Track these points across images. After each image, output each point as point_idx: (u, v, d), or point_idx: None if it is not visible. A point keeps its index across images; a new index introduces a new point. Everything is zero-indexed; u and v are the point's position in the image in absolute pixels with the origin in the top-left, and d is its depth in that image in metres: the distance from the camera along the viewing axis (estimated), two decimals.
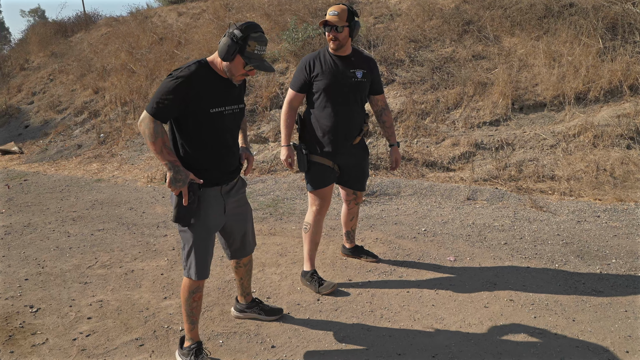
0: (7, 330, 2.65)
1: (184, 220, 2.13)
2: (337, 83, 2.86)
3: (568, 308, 2.72)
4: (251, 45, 2.05)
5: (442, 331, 2.53)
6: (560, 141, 5.72)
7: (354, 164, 3.08)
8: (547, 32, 7.05)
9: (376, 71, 3.03)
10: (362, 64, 2.94)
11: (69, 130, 8.69)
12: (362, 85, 2.93)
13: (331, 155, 2.96)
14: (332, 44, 2.84)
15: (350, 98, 2.91)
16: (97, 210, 4.97)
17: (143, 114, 2.05)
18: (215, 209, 2.25)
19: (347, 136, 2.96)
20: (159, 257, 3.65)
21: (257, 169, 6.24)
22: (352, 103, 2.93)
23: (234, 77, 2.14)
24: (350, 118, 2.94)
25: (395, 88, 7.12)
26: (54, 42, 12.42)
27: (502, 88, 6.40)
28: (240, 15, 9.63)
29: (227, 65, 2.11)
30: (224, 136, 2.22)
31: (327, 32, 2.81)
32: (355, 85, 2.90)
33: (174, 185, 2.06)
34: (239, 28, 2.04)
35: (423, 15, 8.11)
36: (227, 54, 2.05)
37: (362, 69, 2.91)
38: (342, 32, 2.80)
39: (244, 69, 2.10)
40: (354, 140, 3.00)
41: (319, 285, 2.99)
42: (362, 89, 2.96)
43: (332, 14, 2.79)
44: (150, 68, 8.91)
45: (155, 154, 2.07)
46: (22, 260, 3.65)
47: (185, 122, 2.12)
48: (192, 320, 2.30)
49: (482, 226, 4.10)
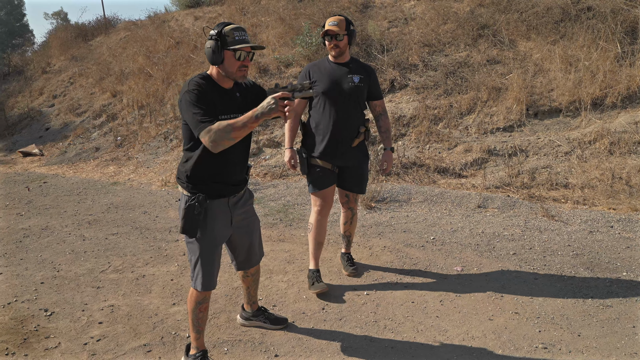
0: (22, 334, 2.74)
1: (190, 232, 2.18)
2: (335, 87, 3.01)
3: (574, 322, 2.70)
4: (229, 35, 2.12)
5: (445, 344, 2.53)
6: (575, 148, 5.64)
7: (352, 166, 3.17)
8: (563, 37, 6.95)
9: (374, 77, 3.16)
10: (359, 70, 3.09)
11: (88, 133, 8.90)
12: (359, 89, 3.06)
13: (330, 157, 3.08)
14: (334, 52, 3.02)
15: (348, 102, 3.04)
16: (112, 214, 5.09)
17: (204, 138, 2.03)
18: (221, 221, 2.29)
19: (345, 139, 3.07)
20: (169, 263, 3.73)
21: (269, 174, 6.30)
22: (349, 107, 3.06)
23: (234, 75, 2.16)
24: (348, 121, 3.06)
25: (408, 93, 7.10)
26: (74, 45, 12.71)
27: (517, 93, 6.33)
28: (255, 19, 9.72)
29: (222, 67, 2.15)
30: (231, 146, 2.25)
31: (328, 41, 2.99)
32: (353, 90, 3.03)
33: (269, 113, 1.97)
34: (212, 29, 2.15)
35: (438, 20, 8.07)
36: (215, 54, 2.11)
37: (359, 74, 3.06)
38: (342, 40, 2.98)
39: (237, 60, 2.14)
40: (353, 142, 3.10)
41: (311, 284, 3.12)
42: (360, 94, 3.08)
43: (332, 24, 2.95)
44: (166, 72, 9.06)
45: (246, 130, 2.02)
46: (39, 263, 3.77)
47: None
48: (198, 330, 2.36)
49: (491, 235, 4.07)
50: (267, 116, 1.98)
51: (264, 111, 1.96)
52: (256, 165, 6.62)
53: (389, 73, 7.35)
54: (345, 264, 3.48)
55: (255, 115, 1.98)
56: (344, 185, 3.23)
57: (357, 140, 3.11)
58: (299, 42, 7.93)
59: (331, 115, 3.03)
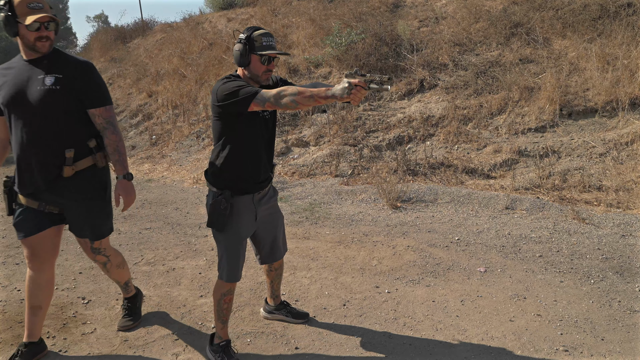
0: (62, 319, 2.93)
1: (217, 225, 2.29)
2: (18, 94, 2.21)
3: (598, 326, 2.65)
4: (258, 40, 2.21)
5: (464, 343, 2.55)
6: (611, 149, 5.47)
7: (72, 204, 2.37)
8: (601, 34, 6.73)
9: (89, 76, 2.30)
10: (59, 67, 2.25)
11: (125, 132, 9.26)
12: (53, 95, 2.21)
13: (30, 193, 2.32)
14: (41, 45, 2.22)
15: (37, 114, 2.21)
16: (146, 210, 5.31)
17: (260, 101, 2.03)
18: (246, 216, 2.39)
19: (43, 168, 2.26)
20: (198, 257, 3.87)
21: (297, 173, 6.40)
22: (40, 121, 2.23)
23: (259, 78, 2.27)
24: (40, 142, 2.24)
25: (438, 93, 7.05)
26: (113, 47, 13.23)
27: (550, 93, 6.19)
28: (286, 20, 9.86)
29: (247, 70, 2.25)
30: (257, 142, 2.35)
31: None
32: (43, 96, 2.20)
33: (342, 96, 1.92)
34: (242, 32, 2.24)
35: (469, 18, 7.97)
36: (242, 57, 2.21)
37: (56, 73, 2.23)
38: (50, 30, 2.24)
39: (263, 64, 2.23)
40: (62, 172, 2.28)
41: None
42: (55, 101, 2.22)
43: (34, 6, 2.18)
44: (199, 73, 9.32)
45: (311, 102, 1.97)
46: (77, 255, 3.99)
47: (233, 124, 2.24)
48: (222, 320, 2.47)
49: (518, 237, 4.02)
50: (337, 99, 1.93)
51: (336, 93, 1.91)
52: (284, 164, 6.73)
53: (419, 73, 7.32)
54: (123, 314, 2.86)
55: (326, 94, 1.94)
56: (70, 228, 2.46)
57: (69, 168, 2.27)
58: (329, 42, 8.00)
59: (18, 134, 2.24)
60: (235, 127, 2.25)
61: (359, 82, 1.87)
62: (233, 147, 2.28)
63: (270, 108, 2.08)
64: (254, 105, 2.07)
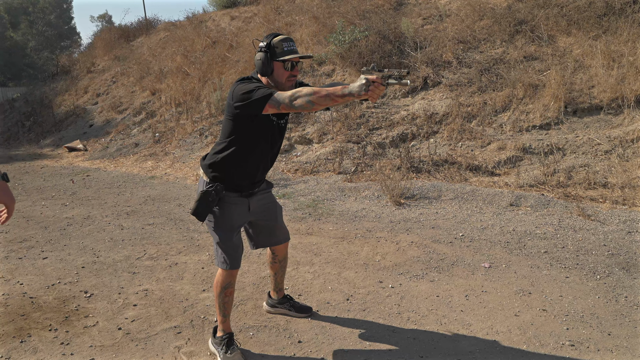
0: (64, 312, 2.92)
1: (200, 215, 2.26)
2: None
3: (605, 321, 2.62)
4: (278, 47, 2.18)
5: (468, 337, 2.52)
6: (617, 147, 5.42)
7: None
8: (606, 31, 6.69)
9: None
10: None
11: (128, 129, 9.27)
12: None
13: None
14: None
15: None
16: (149, 206, 5.30)
17: (275, 102, 1.99)
18: (238, 208, 2.36)
19: None
20: (201, 252, 3.86)
21: (300, 170, 6.38)
22: None
23: (283, 85, 2.22)
24: None
25: (442, 90, 7.02)
26: (117, 46, 13.25)
27: (555, 90, 6.15)
28: (289, 18, 9.85)
29: (271, 78, 2.21)
30: (264, 147, 2.32)
31: None
32: None
33: (359, 94, 1.87)
34: (262, 41, 2.20)
35: (473, 16, 7.94)
36: (264, 66, 2.18)
37: None
38: None
39: (286, 70, 2.20)
40: None
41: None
42: None
43: None
44: (202, 71, 9.32)
45: (328, 101, 1.93)
46: (80, 249, 3.99)
47: (245, 126, 2.21)
48: (224, 313, 2.45)
49: (522, 233, 3.99)
50: (355, 96, 1.88)
51: (353, 90, 1.87)
52: (287, 162, 6.72)
53: (422, 70, 7.29)
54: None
55: (343, 92, 1.89)
56: None
57: None
58: (332, 40, 7.98)
59: None
60: (247, 129, 2.22)
61: (377, 78, 1.83)
62: (238, 149, 2.25)
63: (285, 110, 2.02)
64: (268, 107, 2.02)
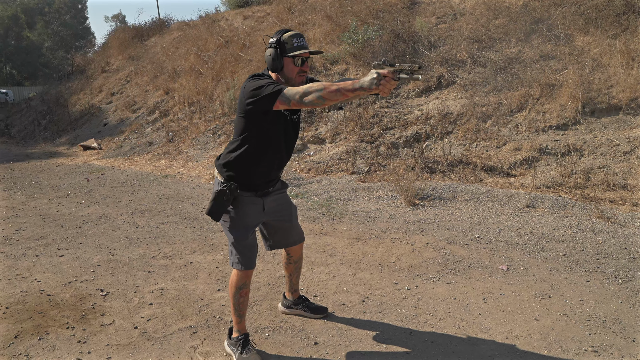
0: (81, 310, 2.94)
1: (215, 215, 2.26)
2: None
3: (628, 327, 2.56)
4: (288, 42, 2.17)
5: (487, 341, 2.48)
6: (636, 147, 5.32)
7: None
8: (625, 30, 6.57)
9: None
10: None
11: (142, 128, 9.33)
12: None
13: None
14: None
15: None
16: (163, 205, 5.32)
17: (285, 99, 1.98)
18: (252, 208, 2.35)
19: None
20: (215, 251, 3.86)
21: (313, 169, 6.36)
22: None
23: (294, 80, 2.22)
24: None
25: (456, 90, 6.96)
26: (131, 46, 13.35)
27: (572, 90, 6.05)
28: (302, 17, 9.83)
29: (281, 74, 2.21)
30: (278, 143, 2.30)
31: None
32: None
33: (370, 88, 1.86)
34: (272, 37, 2.21)
35: (488, 15, 7.85)
36: (274, 61, 2.17)
37: None
38: None
39: (296, 66, 2.19)
40: None
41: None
42: None
43: None
44: (215, 70, 9.34)
45: (338, 96, 1.91)
46: (96, 247, 4.01)
47: (258, 122, 2.20)
48: (239, 314, 2.43)
49: (540, 235, 3.92)
50: (366, 91, 1.86)
51: (364, 85, 1.85)
52: (300, 161, 6.70)
53: (436, 70, 7.23)
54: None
55: (354, 86, 1.87)
56: None
57: None
58: (345, 39, 7.94)
59: None
60: (260, 126, 2.20)
61: (388, 72, 1.81)
62: (252, 146, 2.24)
63: (296, 107, 2.01)
64: (279, 103, 2.02)
